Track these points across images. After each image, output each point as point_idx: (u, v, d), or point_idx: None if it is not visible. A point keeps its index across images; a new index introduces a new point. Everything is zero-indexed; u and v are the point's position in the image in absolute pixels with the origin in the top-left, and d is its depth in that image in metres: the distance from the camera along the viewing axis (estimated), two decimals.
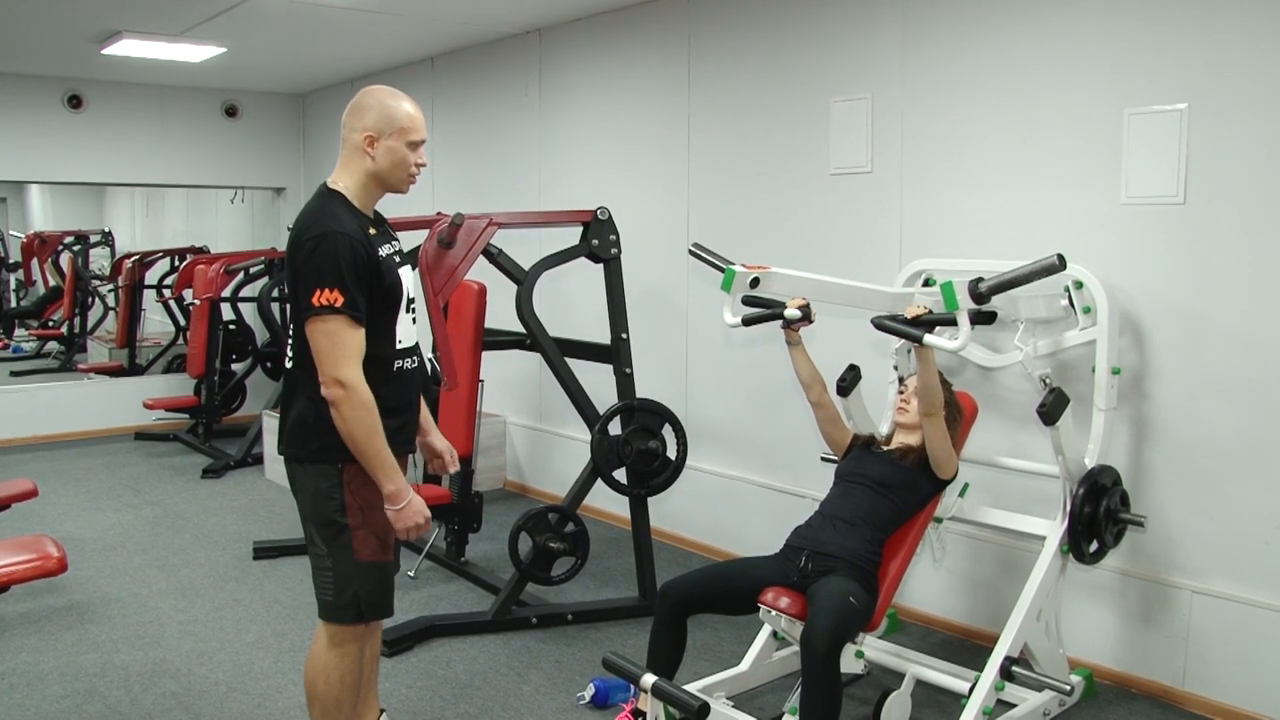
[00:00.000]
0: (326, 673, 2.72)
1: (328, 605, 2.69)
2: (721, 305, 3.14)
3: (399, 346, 2.70)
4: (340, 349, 2.47)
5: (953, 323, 2.91)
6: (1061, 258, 2.83)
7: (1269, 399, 3.26)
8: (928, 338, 2.93)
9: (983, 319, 2.94)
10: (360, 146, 2.62)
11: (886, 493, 3.22)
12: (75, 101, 7.83)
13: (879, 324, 3.04)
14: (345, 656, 2.73)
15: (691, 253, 3.65)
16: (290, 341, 2.69)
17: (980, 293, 2.84)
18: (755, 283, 3.06)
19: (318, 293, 2.45)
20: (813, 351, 3.46)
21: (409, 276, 2.75)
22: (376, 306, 2.59)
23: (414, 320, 2.79)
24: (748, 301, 3.31)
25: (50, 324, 11.06)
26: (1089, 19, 3.58)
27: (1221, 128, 3.29)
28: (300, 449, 2.65)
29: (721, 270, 3.15)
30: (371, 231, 2.62)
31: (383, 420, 2.56)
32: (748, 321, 3.28)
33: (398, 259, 2.71)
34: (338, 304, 2.45)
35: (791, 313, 3.27)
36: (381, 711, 3.09)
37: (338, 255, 2.47)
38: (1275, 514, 3.27)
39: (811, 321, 3.30)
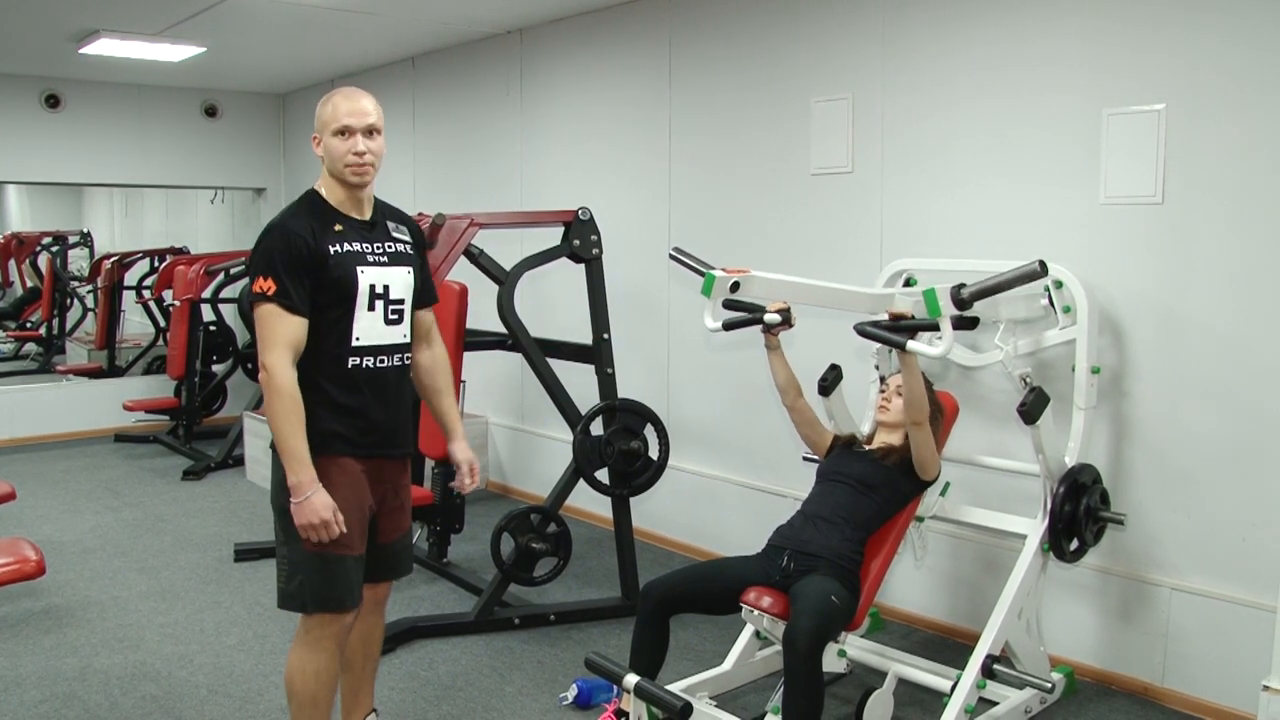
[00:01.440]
0: (302, 667, 2.76)
1: (282, 592, 2.78)
2: (703, 307, 3.14)
3: (355, 344, 2.69)
4: (269, 335, 2.57)
5: (935, 328, 2.92)
6: (1043, 264, 2.83)
7: (1247, 397, 3.28)
8: (910, 344, 2.92)
9: (965, 324, 2.94)
10: (317, 150, 2.74)
11: (868, 491, 3.23)
12: (53, 101, 7.77)
13: (862, 331, 3.03)
14: (319, 652, 2.75)
15: (672, 256, 3.64)
16: None
17: (963, 298, 2.84)
18: (735, 287, 3.05)
19: (256, 281, 2.58)
20: (794, 352, 3.47)
21: (389, 275, 2.72)
22: (325, 300, 2.63)
23: (397, 320, 2.76)
24: (729, 305, 3.30)
25: (28, 325, 10.97)
26: (1068, 20, 3.60)
27: (1199, 128, 3.31)
28: (272, 440, 2.68)
29: (702, 275, 3.15)
30: (337, 228, 2.67)
31: (333, 418, 2.66)
32: (728, 326, 3.27)
33: (374, 257, 2.70)
34: (269, 292, 2.56)
35: (771, 317, 3.28)
36: (373, 711, 3.08)
37: (273, 247, 2.59)
38: (1252, 511, 3.30)
39: (791, 325, 3.31)
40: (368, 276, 2.68)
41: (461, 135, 6.59)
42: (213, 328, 7.80)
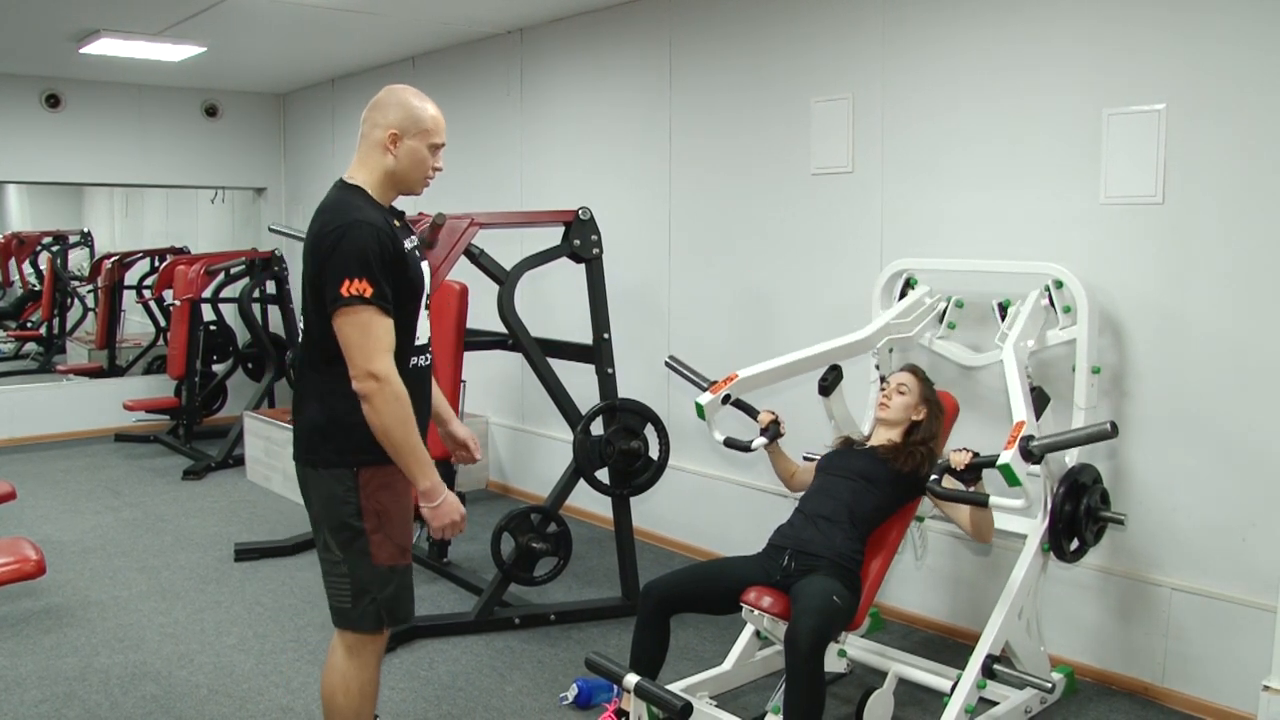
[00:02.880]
0: (346, 685, 2.65)
1: (344, 613, 2.62)
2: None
3: (417, 342, 2.64)
4: (372, 340, 2.40)
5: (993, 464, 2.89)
6: (1114, 425, 2.82)
7: (1247, 397, 3.28)
8: (993, 499, 2.94)
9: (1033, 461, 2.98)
10: (382, 143, 2.59)
11: (869, 485, 3.23)
12: (53, 101, 7.77)
13: (936, 493, 3.07)
14: (365, 667, 2.67)
15: (668, 365, 3.80)
16: (301, 342, 2.62)
17: (1033, 453, 2.85)
18: (726, 399, 3.40)
19: (346, 283, 2.38)
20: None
21: (425, 271, 2.69)
22: (399, 299, 2.51)
23: (427, 316, 2.73)
24: (732, 403, 3.49)
25: (28, 325, 10.97)
26: (1069, 20, 3.60)
27: (1200, 128, 3.31)
28: (314, 454, 2.58)
29: (700, 387, 3.43)
30: (396, 224, 2.59)
31: None
32: (729, 445, 3.50)
33: (418, 253, 2.67)
34: (367, 294, 2.39)
35: (759, 442, 3.48)
36: (375, 718, 3.07)
37: (364, 245, 2.41)
38: (1252, 511, 3.30)
39: (782, 435, 3.51)
40: (425, 273, 2.64)
41: (462, 135, 6.58)
42: (213, 327, 7.80)
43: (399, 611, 2.65)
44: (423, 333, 2.67)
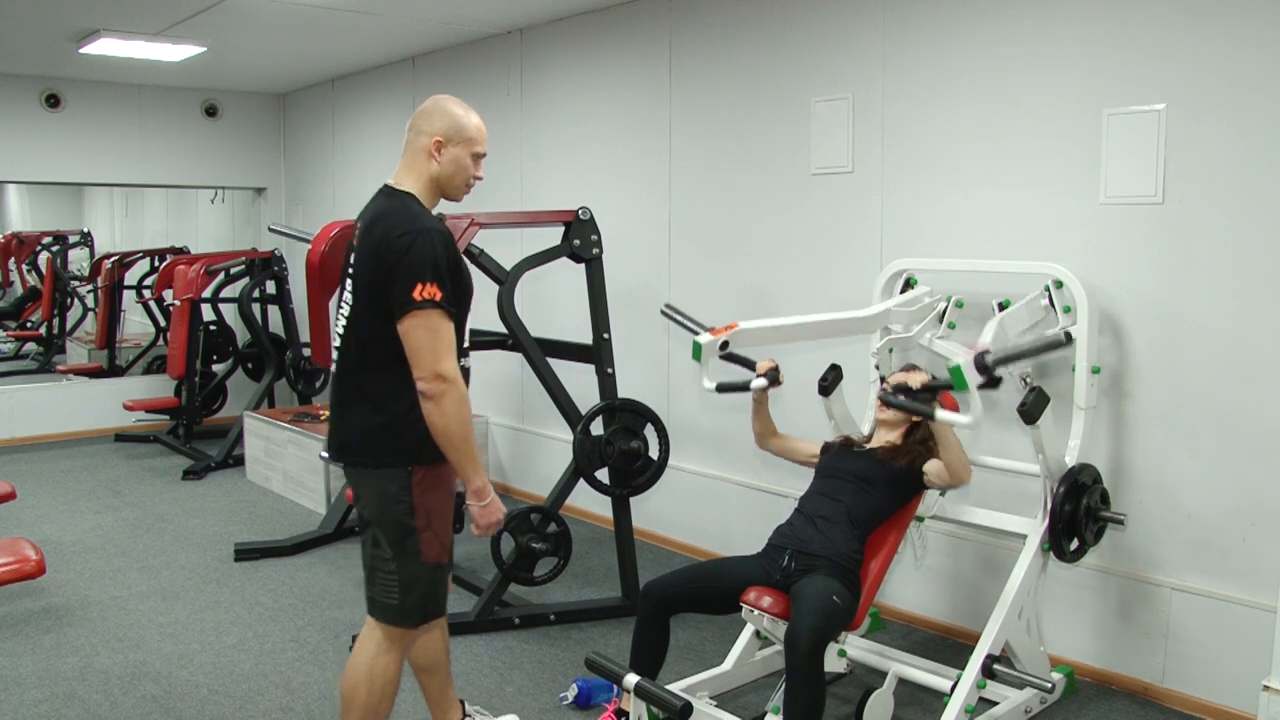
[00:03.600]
0: (371, 679, 2.70)
1: (391, 609, 2.68)
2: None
3: (464, 345, 2.73)
4: (440, 343, 2.49)
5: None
6: (1068, 334, 2.81)
7: (1246, 397, 3.28)
8: (939, 413, 2.91)
9: (990, 385, 2.95)
10: (427, 149, 2.67)
11: (868, 488, 3.23)
12: (53, 101, 7.77)
13: (889, 401, 3.04)
14: (394, 663, 2.73)
15: (664, 313, 3.69)
16: (340, 347, 2.69)
17: (987, 366, 2.83)
18: (725, 346, 3.18)
19: (419, 287, 2.46)
20: (795, 351, 3.47)
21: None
22: (455, 304, 2.60)
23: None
24: (725, 357, 3.31)
25: (28, 325, 10.97)
26: (1068, 20, 3.60)
27: (1199, 128, 3.31)
28: (366, 455, 2.65)
29: (695, 332, 3.25)
30: None
31: None
32: (722, 389, 3.35)
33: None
34: (437, 298, 2.48)
35: (758, 383, 3.36)
36: (461, 703, 3.11)
37: (434, 251, 2.50)
38: (1252, 511, 3.30)
39: (780, 384, 3.38)
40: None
41: None
42: (213, 327, 7.81)
43: (438, 606, 2.76)
44: (467, 337, 2.77)
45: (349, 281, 2.69)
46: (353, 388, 2.67)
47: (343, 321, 2.70)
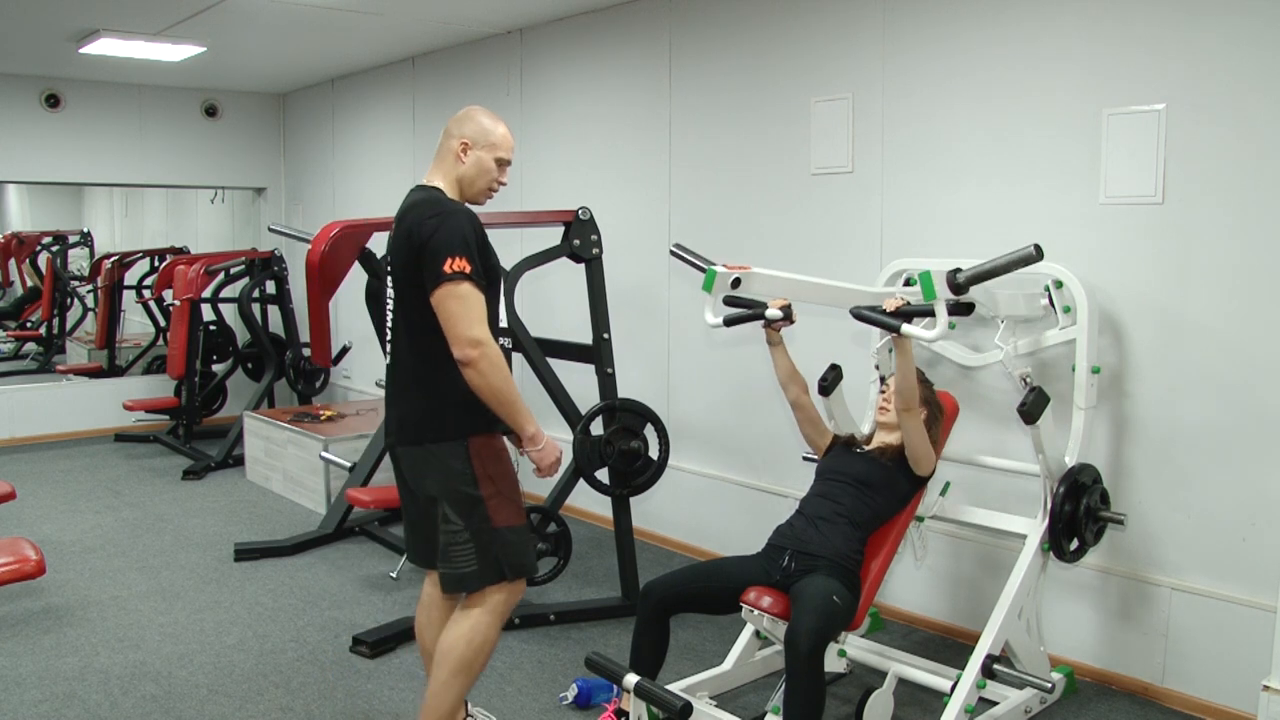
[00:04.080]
0: (472, 635, 2.81)
1: (470, 576, 2.79)
2: (703, 305, 3.16)
3: (501, 326, 2.88)
4: (472, 311, 2.63)
5: (931, 314, 2.92)
6: (1038, 247, 2.84)
7: (1246, 397, 3.28)
8: (905, 327, 2.94)
9: (961, 310, 2.95)
10: (455, 151, 2.86)
11: (867, 490, 3.23)
12: (53, 101, 7.77)
13: (857, 314, 3.04)
14: (493, 624, 2.84)
15: (673, 253, 3.66)
16: (392, 339, 2.86)
17: (958, 283, 2.85)
18: (737, 283, 3.09)
19: (448, 261, 2.62)
20: (794, 351, 3.47)
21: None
22: (487, 283, 2.76)
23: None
24: (729, 302, 3.31)
25: (28, 325, 10.97)
26: (1069, 20, 3.60)
27: (1199, 128, 3.31)
28: (425, 433, 2.79)
29: (703, 270, 3.18)
30: None
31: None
32: (729, 322, 3.29)
33: None
34: (466, 270, 2.63)
35: (773, 313, 3.27)
36: (466, 702, 3.12)
37: (462, 227, 2.67)
38: (1252, 511, 3.30)
39: (793, 322, 3.30)
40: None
41: None
42: (213, 327, 7.80)
43: (524, 565, 2.88)
44: (502, 318, 2.94)
45: (389, 277, 2.89)
46: (405, 372, 2.85)
47: (390, 314, 2.89)
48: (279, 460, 6.32)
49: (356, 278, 5.03)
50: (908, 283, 3.82)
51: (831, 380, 3.68)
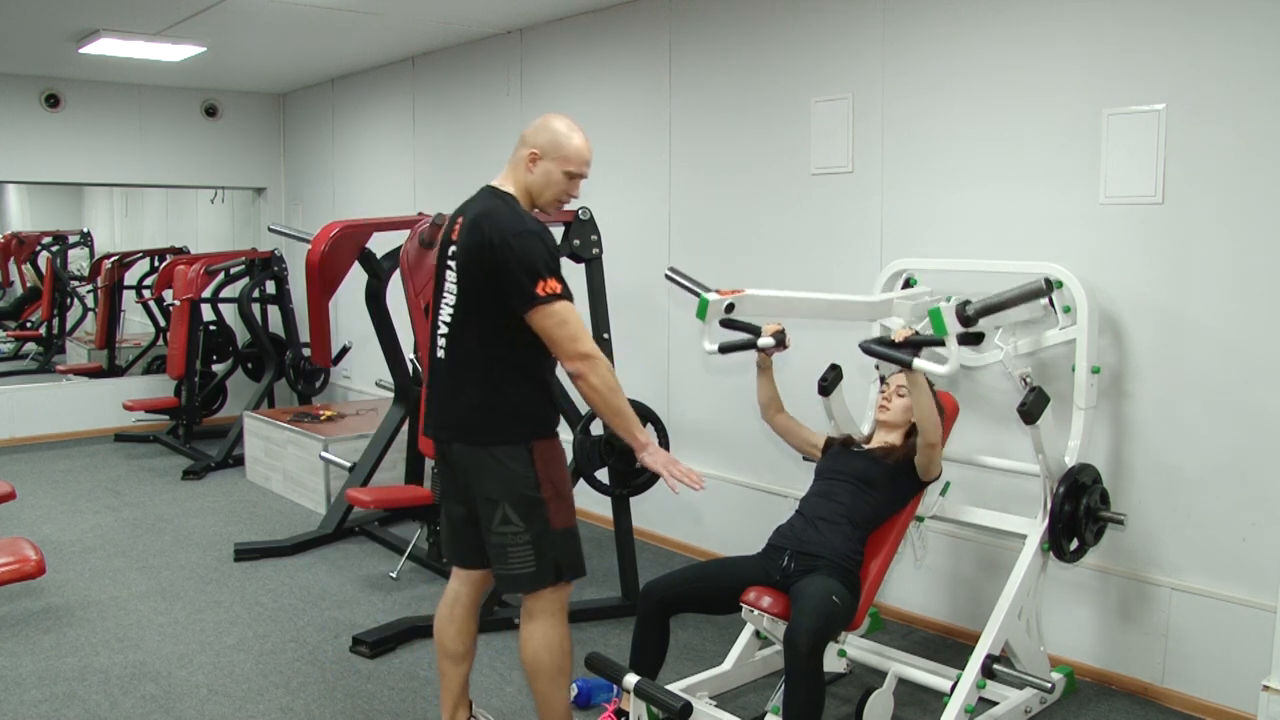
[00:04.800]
0: (548, 644, 2.88)
1: (529, 577, 2.84)
2: (701, 331, 3.17)
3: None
4: (575, 328, 2.72)
5: (940, 344, 2.92)
6: (1049, 281, 2.85)
7: (1246, 397, 3.28)
8: (917, 361, 2.92)
9: (970, 340, 2.95)
10: (524, 160, 2.87)
11: (867, 489, 3.23)
12: (53, 101, 7.77)
13: (866, 349, 3.04)
14: (560, 625, 2.90)
15: (668, 277, 3.67)
16: (448, 334, 2.85)
17: (968, 316, 2.85)
18: (731, 308, 3.17)
19: (540, 284, 2.67)
20: (794, 351, 3.47)
21: None
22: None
23: None
24: (726, 323, 3.32)
25: (28, 325, 10.97)
26: (1069, 21, 3.60)
27: (1199, 128, 3.31)
28: (485, 432, 2.80)
29: (697, 295, 3.21)
30: None
31: (550, 406, 2.89)
32: (725, 349, 3.36)
33: None
34: (558, 290, 2.69)
35: (765, 341, 3.33)
36: (471, 702, 3.19)
37: (547, 249, 2.72)
38: (1252, 511, 3.30)
39: (786, 347, 3.35)
40: None
41: (461, 135, 6.59)
42: (213, 327, 7.81)
43: (576, 565, 2.95)
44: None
45: (449, 273, 2.87)
46: (467, 372, 2.82)
47: (448, 311, 2.86)
48: (279, 460, 6.32)
49: (356, 277, 5.04)
50: (907, 283, 3.83)
51: (831, 380, 3.68)
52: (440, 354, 2.89)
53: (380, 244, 4.99)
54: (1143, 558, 3.56)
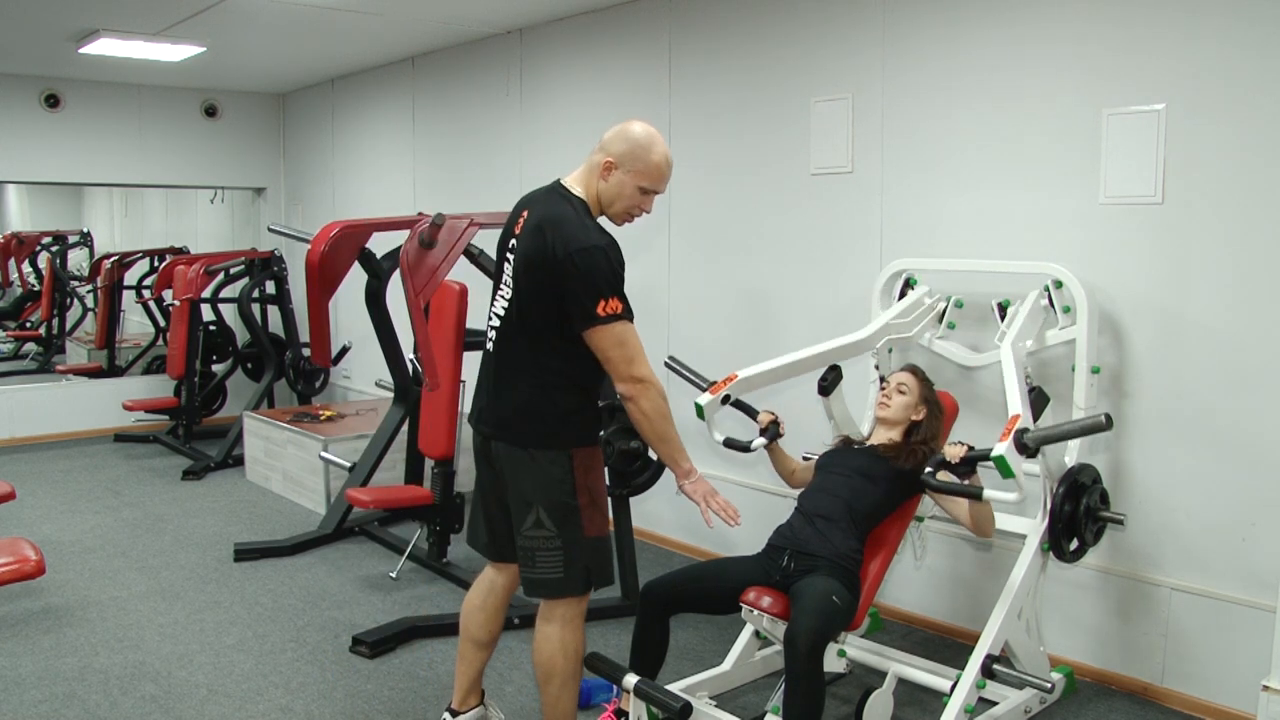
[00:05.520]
0: (565, 648, 2.84)
1: (556, 583, 2.80)
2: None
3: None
4: (632, 351, 2.70)
5: (987, 455, 2.87)
6: (1109, 417, 2.80)
7: (1246, 396, 3.28)
8: (988, 493, 2.92)
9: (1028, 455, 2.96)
10: (598, 167, 2.79)
11: (869, 483, 3.23)
12: (53, 101, 7.77)
13: (931, 486, 2.99)
14: (576, 630, 2.86)
15: (668, 365, 3.75)
16: (500, 328, 2.84)
17: (1028, 448, 2.85)
18: (726, 400, 3.33)
19: (601, 303, 2.63)
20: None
21: None
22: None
23: None
24: (729, 403, 3.44)
25: (28, 325, 10.97)
26: (1068, 21, 3.60)
27: (1199, 128, 3.31)
28: (527, 435, 2.78)
29: (700, 388, 3.41)
30: None
31: (593, 415, 2.86)
32: (729, 445, 3.47)
33: None
34: (619, 311, 2.67)
35: (758, 442, 3.45)
36: (483, 690, 3.21)
37: (611, 266, 2.66)
38: (1251, 511, 3.30)
39: (781, 435, 3.48)
40: None
41: (461, 135, 6.59)
42: (212, 327, 7.80)
43: (605, 574, 2.89)
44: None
45: (508, 267, 2.83)
46: (516, 371, 2.80)
47: (502, 304, 2.84)
48: (279, 460, 6.32)
49: (356, 278, 5.04)
50: (907, 283, 3.84)
51: (831, 380, 3.69)
52: (490, 346, 2.88)
53: (380, 244, 4.99)
54: (1142, 558, 3.56)
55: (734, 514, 2.84)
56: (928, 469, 3.00)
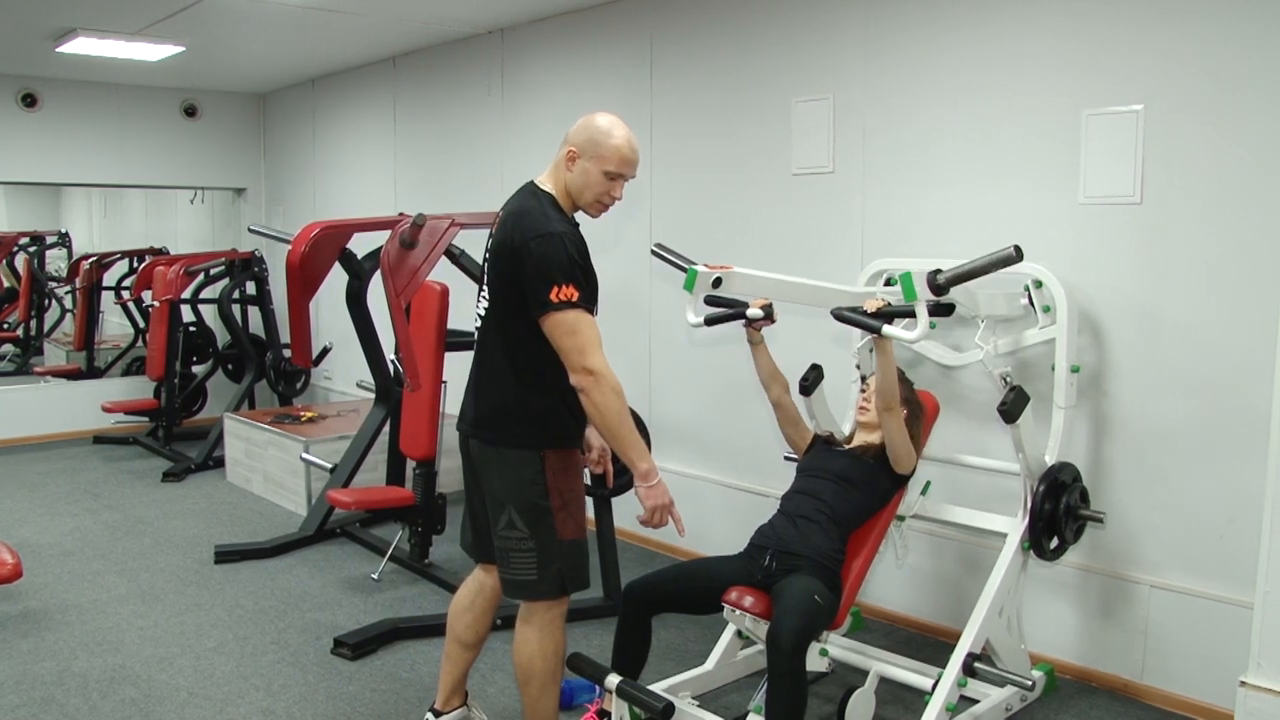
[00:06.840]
0: (543, 650, 2.83)
1: (529, 585, 2.79)
2: (685, 304, 3.17)
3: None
4: (584, 340, 2.60)
5: (912, 314, 2.93)
6: (1018, 249, 2.85)
7: (1223, 395, 3.31)
8: (886, 328, 2.94)
9: (941, 311, 2.96)
10: (563, 159, 2.81)
11: (848, 487, 3.23)
12: (30, 100, 7.71)
13: (838, 315, 3.05)
14: (555, 632, 2.85)
15: (654, 252, 3.66)
16: (480, 328, 2.85)
17: (939, 284, 2.86)
18: (718, 282, 3.09)
19: (555, 289, 2.57)
20: (775, 351, 3.48)
21: None
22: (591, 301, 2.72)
23: None
24: (710, 301, 3.31)
25: (5, 327, 10.87)
26: (1048, 21, 3.62)
27: (1177, 128, 3.33)
28: (499, 433, 2.78)
29: (684, 270, 3.18)
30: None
31: (570, 415, 2.77)
32: (710, 321, 3.31)
33: None
34: (574, 298, 2.59)
35: (754, 312, 3.29)
36: (466, 692, 3.21)
37: (565, 252, 2.61)
38: (1230, 508, 3.32)
39: (774, 321, 3.31)
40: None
41: (442, 135, 6.57)
42: (193, 329, 7.76)
43: (580, 579, 2.86)
44: None
45: (487, 267, 2.84)
46: (492, 370, 2.81)
47: (483, 304, 2.86)
48: (259, 462, 6.28)
49: (337, 278, 5.02)
50: (888, 283, 3.84)
51: (813, 380, 3.69)
52: (475, 347, 2.91)
53: (361, 244, 4.97)
54: (1122, 555, 3.58)
55: (683, 527, 2.83)
56: (839, 308, 3.03)
